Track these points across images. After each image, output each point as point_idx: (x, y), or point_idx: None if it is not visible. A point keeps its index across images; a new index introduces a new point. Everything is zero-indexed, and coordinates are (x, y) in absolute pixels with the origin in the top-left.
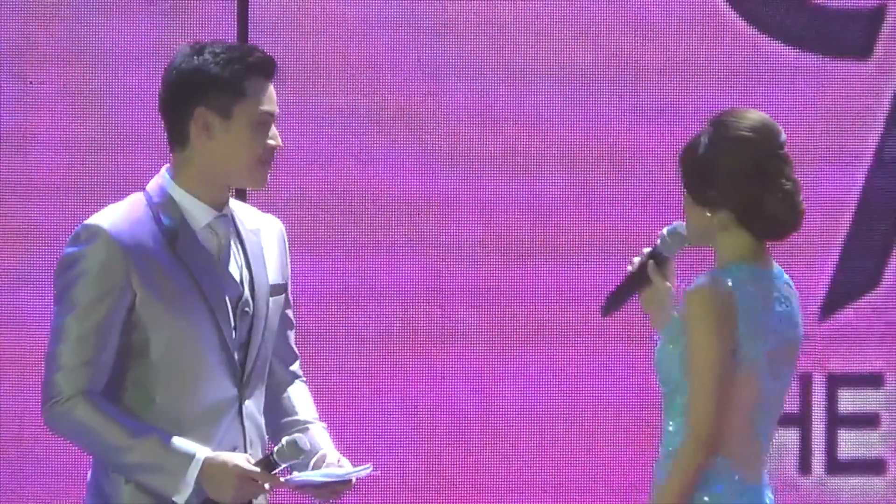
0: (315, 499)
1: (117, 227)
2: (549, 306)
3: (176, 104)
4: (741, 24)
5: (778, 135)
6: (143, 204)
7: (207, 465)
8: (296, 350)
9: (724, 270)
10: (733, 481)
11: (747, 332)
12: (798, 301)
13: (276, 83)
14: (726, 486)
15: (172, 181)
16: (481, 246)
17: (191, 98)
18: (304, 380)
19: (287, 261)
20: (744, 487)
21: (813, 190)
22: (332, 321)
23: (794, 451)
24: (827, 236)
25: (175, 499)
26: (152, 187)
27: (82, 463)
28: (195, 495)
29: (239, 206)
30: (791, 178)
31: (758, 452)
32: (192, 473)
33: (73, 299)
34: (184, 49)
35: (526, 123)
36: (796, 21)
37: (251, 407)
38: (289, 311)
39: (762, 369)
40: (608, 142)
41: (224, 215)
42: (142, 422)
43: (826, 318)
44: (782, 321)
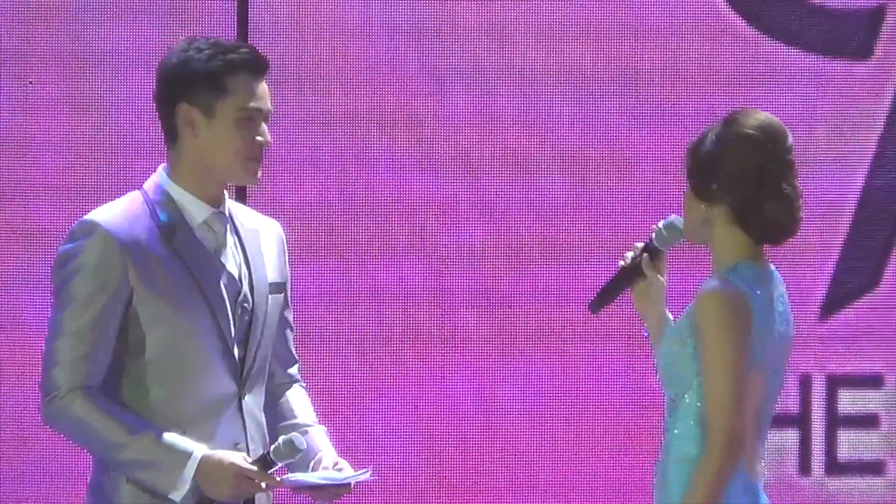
0: (314, 500)
1: (114, 224)
2: (550, 308)
3: (163, 100)
4: (741, 25)
5: (785, 139)
6: (141, 201)
7: (204, 463)
8: (295, 353)
9: (731, 272)
10: (743, 480)
11: (758, 333)
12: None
13: (276, 85)
14: (734, 485)
15: (168, 178)
16: (482, 248)
17: (175, 94)
18: (303, 384)
19: (286, 262)
20: (748, 486)
21: (813, 190)
22: (333, 323)
23: (793, 451)
24: (827, 236)
25: (171, 496)
26: (149, 185)
27: (83, 463)
28: (192, 493)
29: (238, 207)
30: (792, 183)
31: (758, 451)
32: (189, 471)
33: (70, 295)
34: (177, 44)
35: (527, 125)
36: (796, 21)
37: (251, 403)
38: (288, 313)
39: (767, 369)
40: (609, 144)
41: (221, 212)
42: (140, 418)
43: (826, 319)
44: (782, 321)
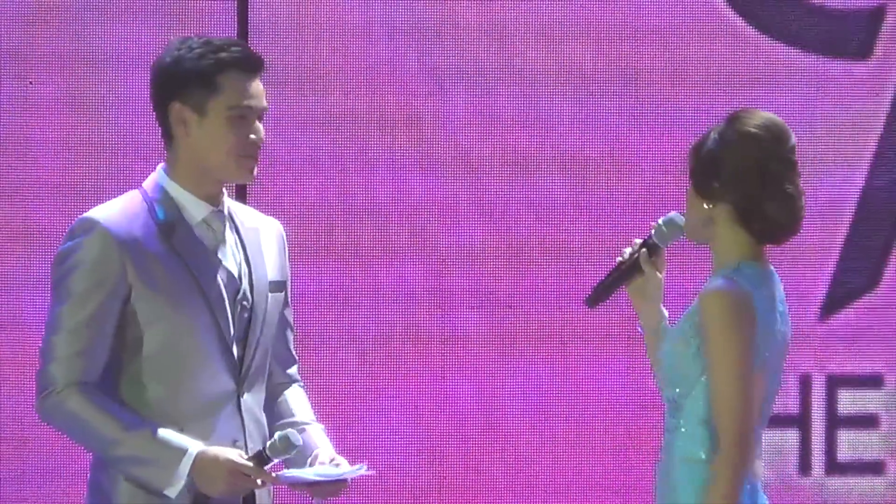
0: (311, 497)
1: (113, 221)
2: (550, 308)
3: (157, 100)
4: (741, 25)
5: (787, 138)
6: (139, 199)
7: (199, 460)
8: (294, 354)
9: (735, 271)
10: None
11: (761, 333)
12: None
13: (276, 85)
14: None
15: (167, 176)
16: (482, 248)
17: (168, 93)
18: (302, 384)
19: (286, 261)
20: (749, 485)
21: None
22: (334, 323)
23: (793, 451)
24: (827, 237)
25: (167, 492)
26: (148, 183)
27: (83, 463)
28: (187, 489)
29: (238, 206)
30: (795, 183)
31: (757, 450)
32: (185, 467)
33: (68, 290)
34: (171, 43)
35: (527, 126)
36: (796, 21)
37: (250, 402)
38: (288, 313)
39: (769, 369)
40: (609, 144)
41: (220, 211)
42: (135, 415)
43: (826, 319)
44: (782, 321)
